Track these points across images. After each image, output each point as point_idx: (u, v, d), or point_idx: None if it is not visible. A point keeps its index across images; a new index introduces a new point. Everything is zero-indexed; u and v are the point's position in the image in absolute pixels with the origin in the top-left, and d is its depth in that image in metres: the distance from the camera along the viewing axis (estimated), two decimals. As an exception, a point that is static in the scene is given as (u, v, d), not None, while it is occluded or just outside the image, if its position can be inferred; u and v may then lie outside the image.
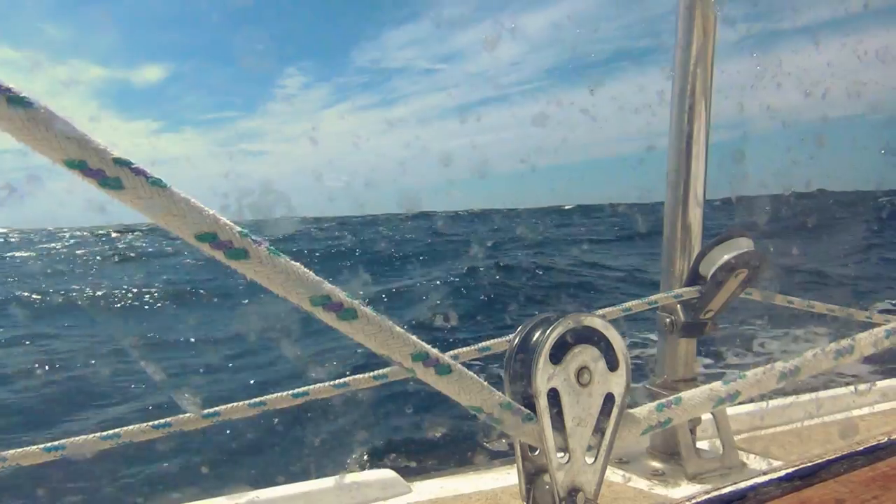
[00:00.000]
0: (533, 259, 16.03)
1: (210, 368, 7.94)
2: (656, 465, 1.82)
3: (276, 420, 5.53)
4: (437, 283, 13.28)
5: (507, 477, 1.74)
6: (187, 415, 1.20)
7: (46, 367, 7.95)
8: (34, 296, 13.86)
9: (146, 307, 12.96)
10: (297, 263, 0.58)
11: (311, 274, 0.59)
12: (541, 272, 14.19)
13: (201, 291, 13.96)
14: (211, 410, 1.23)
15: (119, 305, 13.24)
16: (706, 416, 1.86)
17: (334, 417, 5.73)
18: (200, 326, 10.30)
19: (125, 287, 14.58)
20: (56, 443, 1.12)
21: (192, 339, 9.45)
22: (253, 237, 0.56)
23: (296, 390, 1.29)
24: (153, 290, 14.24)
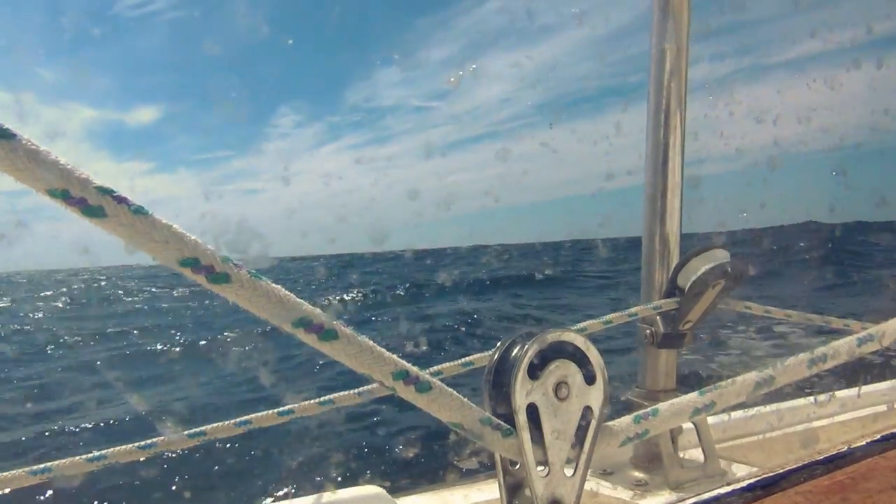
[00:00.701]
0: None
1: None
2: (639, 475, 1.83)
3: (260, 438, 5.50)
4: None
5: (489, 491, 1.75)
6: (173, 435, 1.20)
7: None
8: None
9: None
10: (278, 286, 0.59)
11: (292, 296, 0.60)
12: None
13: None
14: (196, 430, 1.22)
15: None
16: (688, 425, 1.88)
17: (318, 433, 5.70)
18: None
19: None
20: (42, 465, 1.11)
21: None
22: (234, 262, 0.57)
23: (280, 409, 1.29)
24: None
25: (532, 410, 0.75)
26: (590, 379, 0.78)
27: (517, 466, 0.82)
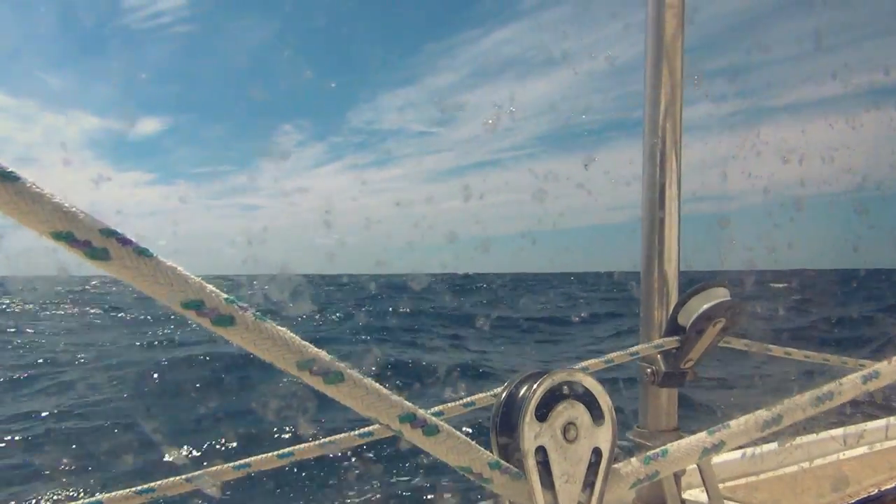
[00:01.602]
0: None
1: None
2: None
3: (261, 481, 5.40)
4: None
5: None
6: (172, 479, 1.17)
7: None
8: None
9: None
10: (283, 328, 0.58)
11: (298, 339, 0.59)
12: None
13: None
14: (192, 475, 1.19)
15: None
16: (691, 466, 1.85)
17: (318, 474, 5.61)
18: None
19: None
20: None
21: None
22: (239, 303, 0.56)
23: (281, 451, 1.26)
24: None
25: (541, 453, 0.74)
26: (598, 420, 0.76)
27: None
